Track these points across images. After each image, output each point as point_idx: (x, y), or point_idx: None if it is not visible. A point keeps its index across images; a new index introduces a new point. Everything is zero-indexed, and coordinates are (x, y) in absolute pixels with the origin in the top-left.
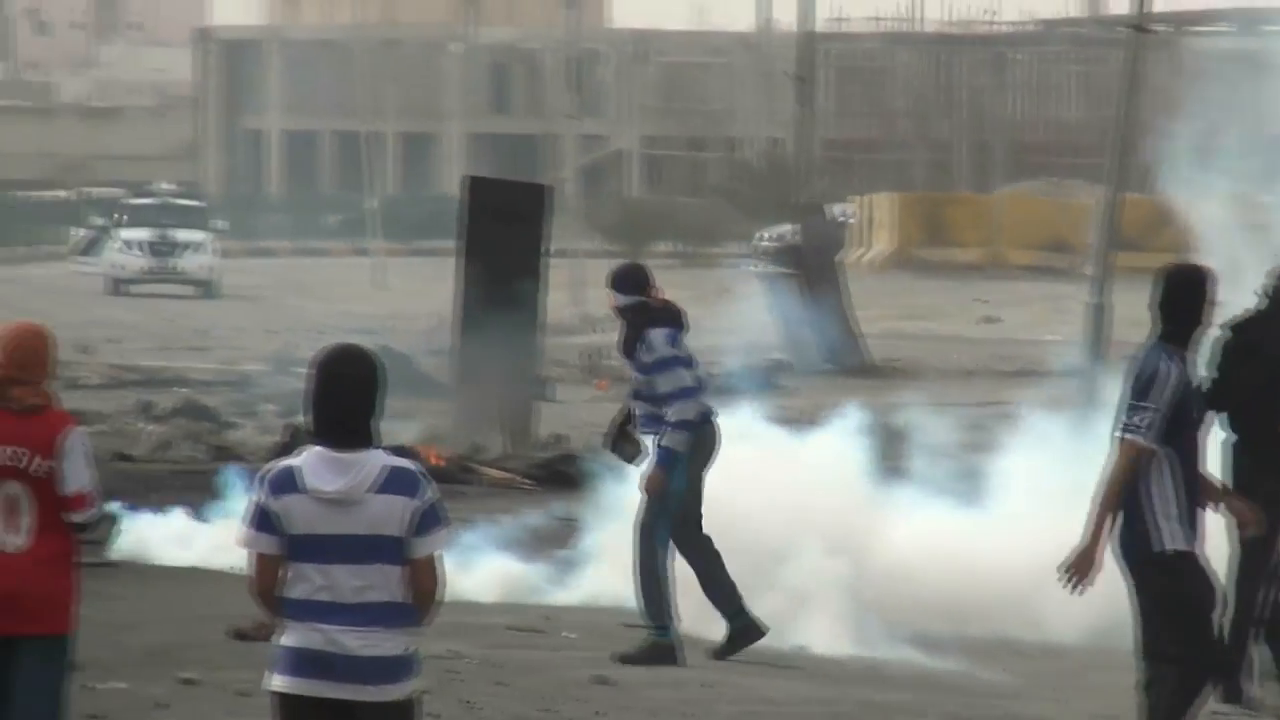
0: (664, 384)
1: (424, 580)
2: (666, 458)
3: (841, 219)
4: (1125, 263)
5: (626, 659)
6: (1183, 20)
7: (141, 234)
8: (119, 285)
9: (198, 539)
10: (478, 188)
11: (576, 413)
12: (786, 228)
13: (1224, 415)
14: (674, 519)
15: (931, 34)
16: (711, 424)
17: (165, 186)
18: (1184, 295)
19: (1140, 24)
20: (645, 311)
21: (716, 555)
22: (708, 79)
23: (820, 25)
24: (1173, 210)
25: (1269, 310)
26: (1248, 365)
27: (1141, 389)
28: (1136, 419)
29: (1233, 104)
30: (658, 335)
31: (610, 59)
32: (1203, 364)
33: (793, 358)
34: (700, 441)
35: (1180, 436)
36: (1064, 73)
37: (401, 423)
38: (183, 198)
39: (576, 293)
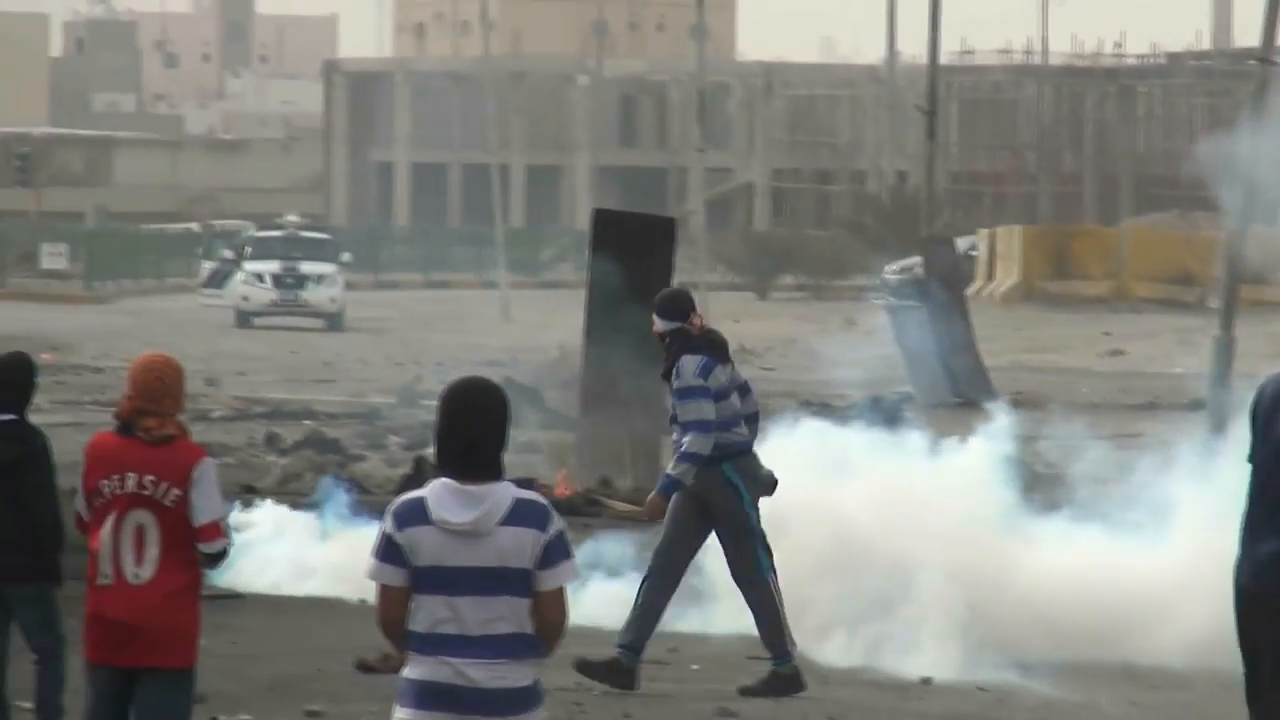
0: (684, 413)
1: (550, 612)
2: (668, 485)
3: (968, 252)
4: (1250, 296)
5: (748, 691)
6: None
7: (268, 266)
8: (245, 318)
9: (322, 569)
10: (605, 220)
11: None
12: (913, 260)
13: None
14: (765, 543)
15: (1058, 66)
16: (752, 456)
17: (292, 219)
18: None
19: (1267, 57)
20: (684, 338)
21: (670, 592)
22: (834, 111)
23: (946, 58)
24: None
25: None
26: None
27: None
28: None
29: None
30: (688, 363)
31: (737, 91)
32: None
33: (918, 390)
34: (747, 476)
35: None
36: (1191, 105)
37: (528, 455)
38: (309, 230)
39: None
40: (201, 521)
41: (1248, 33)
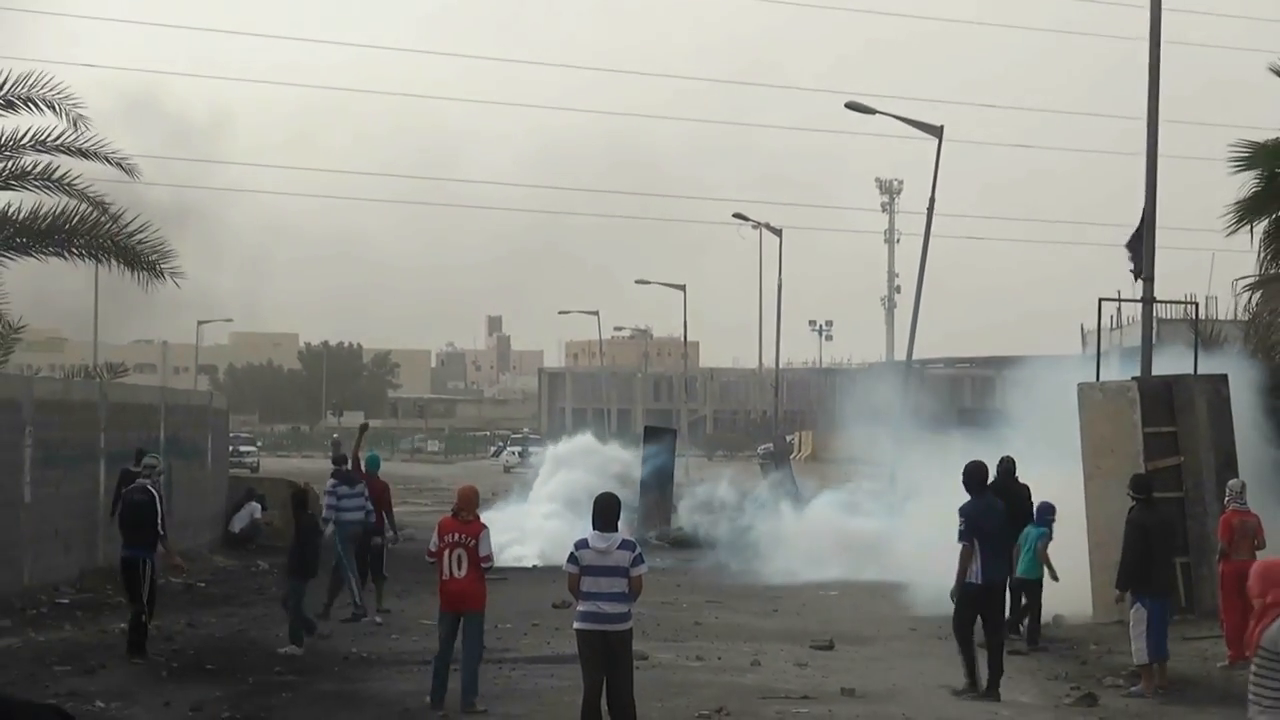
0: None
1: (636, 585)
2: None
3: (790, 441)
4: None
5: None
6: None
7: (516, 448)
8: (507, 469)
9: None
10: (649, 429)
11: (684, 519)
12: (769, 444)
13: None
14: (354, 570)
15: (825, 368)
16: (362, 528)
17: (525, 430)
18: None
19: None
20: (345, 474)
21: (342, 583)
22: (741, 386)
23: (783, 365)
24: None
25: (999, 480)
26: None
27: None
28: None
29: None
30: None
31: (699, 379)
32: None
33: (771, 495)
34: (344, 536)
35: None
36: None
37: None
38: (533, 434)
39: (685, 471)
40: (483, 553)
41: (900, 349)
